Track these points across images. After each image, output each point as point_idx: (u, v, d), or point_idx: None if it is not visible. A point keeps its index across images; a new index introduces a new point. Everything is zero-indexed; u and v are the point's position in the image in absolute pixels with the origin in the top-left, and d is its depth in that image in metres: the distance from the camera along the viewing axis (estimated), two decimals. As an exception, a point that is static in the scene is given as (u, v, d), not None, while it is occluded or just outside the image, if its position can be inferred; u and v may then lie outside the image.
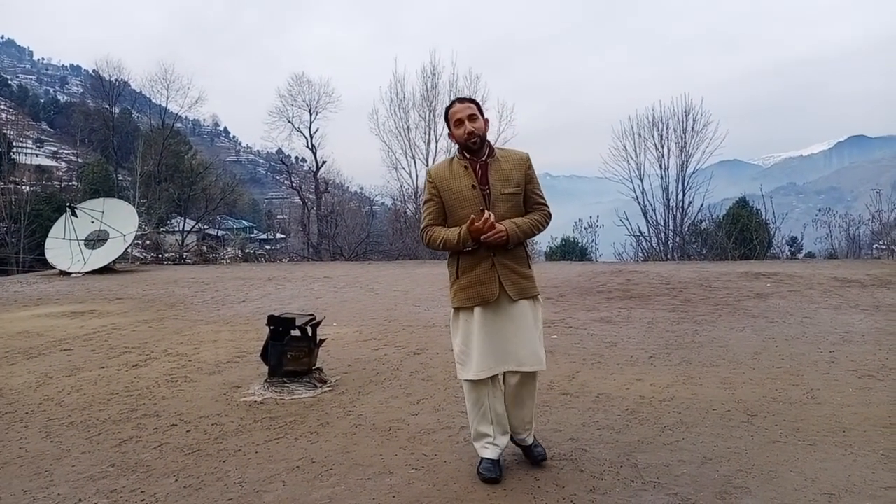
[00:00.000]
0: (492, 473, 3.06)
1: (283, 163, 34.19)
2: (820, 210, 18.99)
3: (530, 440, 3.27)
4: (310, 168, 30.14)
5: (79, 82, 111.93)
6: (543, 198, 3.18)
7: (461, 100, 3.14)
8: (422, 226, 3.23)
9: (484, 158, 3.09)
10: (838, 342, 5.78)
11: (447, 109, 3.17)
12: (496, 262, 3.02)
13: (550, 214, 3.18)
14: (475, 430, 3.18)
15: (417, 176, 24.81)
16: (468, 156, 3.12)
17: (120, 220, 15.24)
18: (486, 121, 3.14)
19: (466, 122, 3.05)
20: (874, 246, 17.32)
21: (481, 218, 2.91)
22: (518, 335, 3.04)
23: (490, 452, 3.13)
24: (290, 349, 4.69)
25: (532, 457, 3.24)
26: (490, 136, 3.22)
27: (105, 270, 14.25)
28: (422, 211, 3.28)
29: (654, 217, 19.27)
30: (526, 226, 3.05)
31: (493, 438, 3.14)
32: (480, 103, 3.18)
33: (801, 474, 3.05)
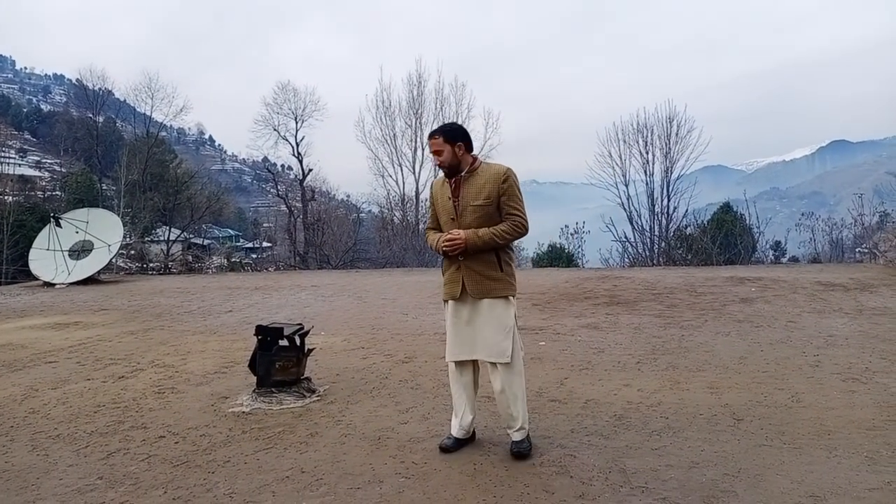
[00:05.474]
0: (445, 444, 3.56)
1: (269, 171, 34.03)
2: (803, 214, 19.08)
3: (515, 436, 3.51)
4: (296, 176, 30.11)
5: (62, 91, 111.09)
6: (517, 208, 3.41)
7: (431, 135, 3.52)
8: (425, 227, 3.90)
9: (461, 175, 3.47)
10: (822, 346, 5.85)
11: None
12: (462, 266, 3.45)
13: (521, 224, 3.42)
14: (453, 406, 3.66)
15: (404, 183, 24.82)
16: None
17: (104, 230, 15.11)
18: (459, 146, 3.45)
19: (434, 157, 3.50)
20: (857, 250, 17.48)
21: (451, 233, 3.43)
22: (484, 329, 3.45)
23: (453, 428, 3.63)
24: (279, 359, 4.68)
25: (512, 451, 3.47)
26: (476, 144, 3.47)
27: (90, 281, 14.12)
28: None
29: (640, 223, 19.35)
30: (487, 235, 3.37)
31: (460, 418, 3.59)
32: (456, 127, 3.52)
33: (788, 477, 3.10)
